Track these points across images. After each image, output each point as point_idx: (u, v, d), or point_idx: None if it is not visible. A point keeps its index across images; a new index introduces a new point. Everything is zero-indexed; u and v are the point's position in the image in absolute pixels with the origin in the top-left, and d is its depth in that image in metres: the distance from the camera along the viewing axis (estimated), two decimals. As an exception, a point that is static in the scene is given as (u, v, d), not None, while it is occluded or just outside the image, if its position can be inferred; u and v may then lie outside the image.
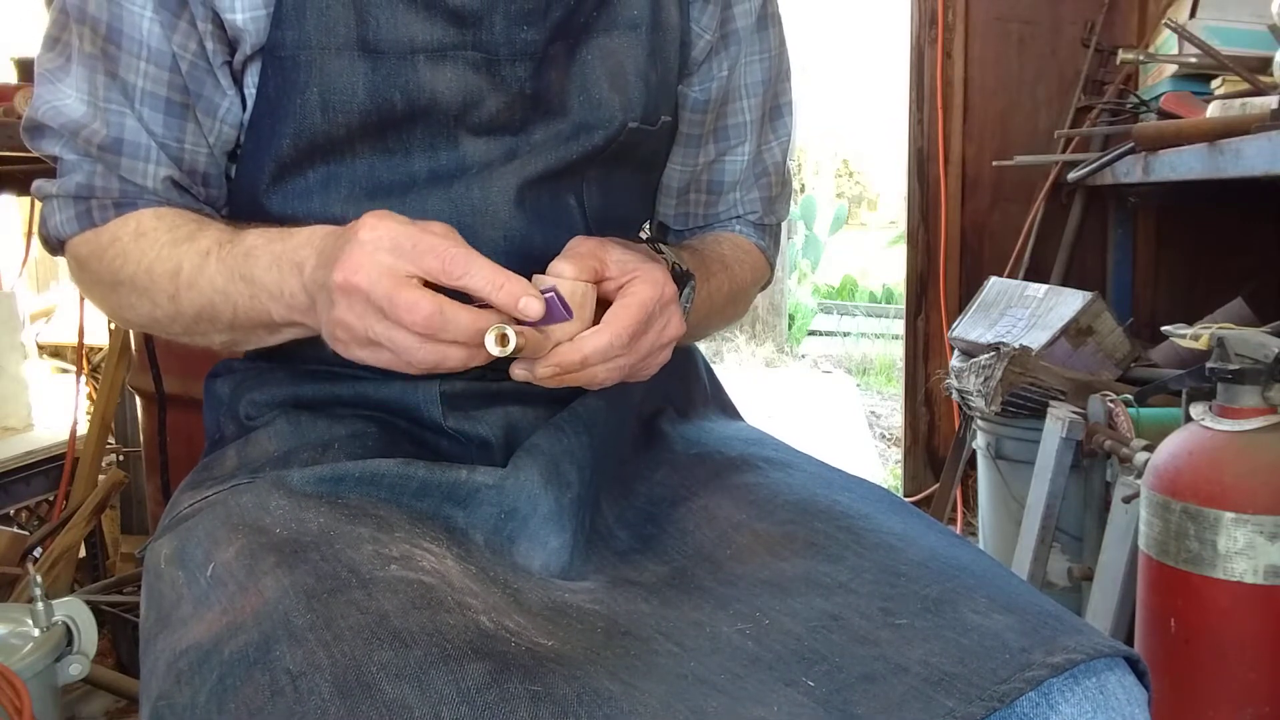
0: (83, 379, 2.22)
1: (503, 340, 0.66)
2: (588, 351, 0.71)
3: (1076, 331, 2.08)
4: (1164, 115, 2.12)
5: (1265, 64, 1.79)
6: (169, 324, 0.81)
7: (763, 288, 1.05)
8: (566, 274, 0.72)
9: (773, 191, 1.01)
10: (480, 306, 0.67)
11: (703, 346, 1.01)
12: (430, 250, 0.65)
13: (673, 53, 0.90)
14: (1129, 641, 1.49)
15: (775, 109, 0.99)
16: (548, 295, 0.68)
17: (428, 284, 0.66)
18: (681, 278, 0.82)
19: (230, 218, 0.84)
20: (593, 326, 0.72)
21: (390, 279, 0.65)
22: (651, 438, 0.92)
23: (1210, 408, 1.38)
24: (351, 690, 0.57)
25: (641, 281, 0.74)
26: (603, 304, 0.74)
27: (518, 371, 0.72)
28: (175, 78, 0.78)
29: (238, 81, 0.80)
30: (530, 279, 0.70)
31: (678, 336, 0.77)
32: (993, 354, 2.09)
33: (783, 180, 1.02)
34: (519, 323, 0.67)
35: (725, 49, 0.93)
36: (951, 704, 0.61)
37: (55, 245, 0.83)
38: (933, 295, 2.85)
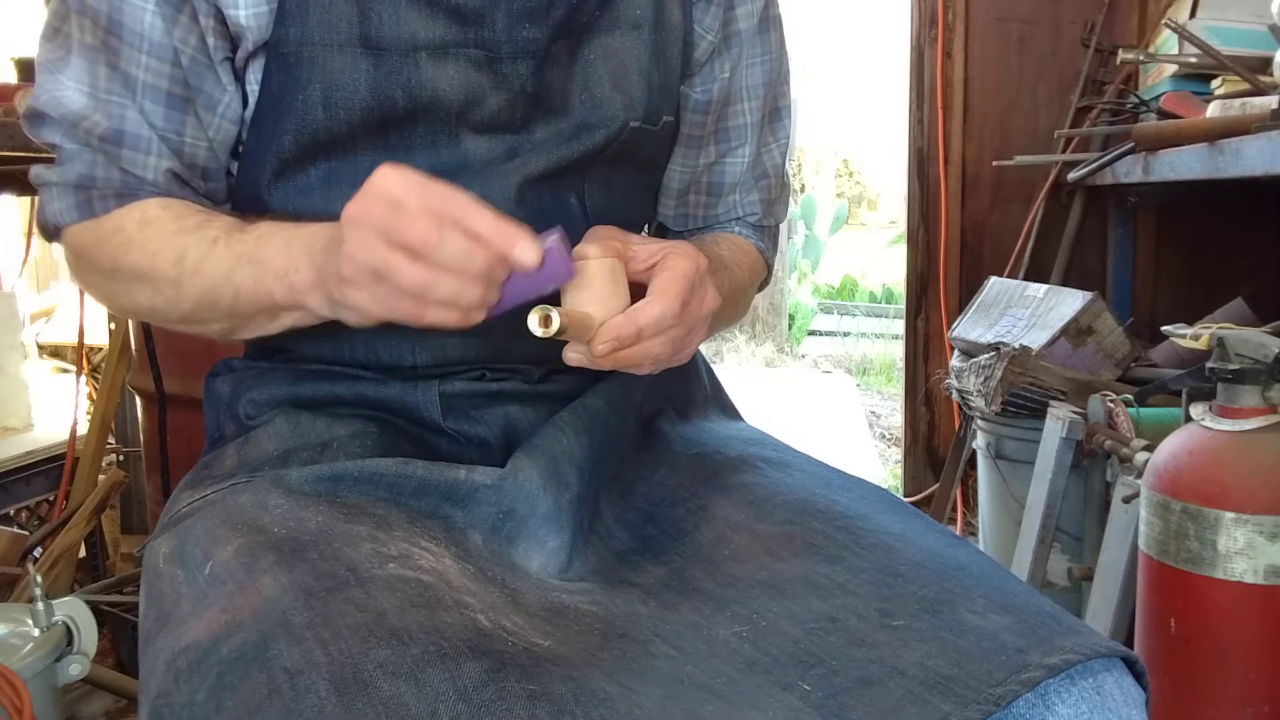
0: (83, 379, 2.23)
1: (545, 321, 0.66)
2: (643, 323, 0.71)
3: (1076, 331, 2.08)
4: (1164, 115, 2.12)
5: (1265, 64, 1.80)
6: (168, 311, 0.80)
7: (760, 288, 1.05)
8: (591, 254, 0.71)
9: (772, 194, 1.01)
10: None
11: (703, 347, 1.01)
12: (437, 192, 0.64)
13: (675, 53, 0.90)
14: (1129, 642, 1.49)
15: (775, 111, 0.99)
16: (548, 248, 0.66)
17: None
18: None
19: (234, 213, 0.84)
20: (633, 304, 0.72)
21: (397, 206, 0.64)
22: (651, 438, 0.92)
23: (1210, 408, 1.38)
24: (349, 688, 0.57)
25: (676, 255, 0.74)
26: (635, 289, 0.74)
27: (571, 355, 0.72)
28: (176, 71, 0.78)
29: (239, 78, 0.80)
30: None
31: (715, 307, 0.78)
32: (993, 354, 2.09)
33: (782, 183, 1.02)
34: (556, 304, 0.67)
35: (727, 50, 0.93)
36: (948, 708, 0.61)
37: (52, 232, 0.82)
38: (933, 295, 2.85)
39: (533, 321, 0.66)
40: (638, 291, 0.73)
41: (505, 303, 0.68)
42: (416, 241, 0.63)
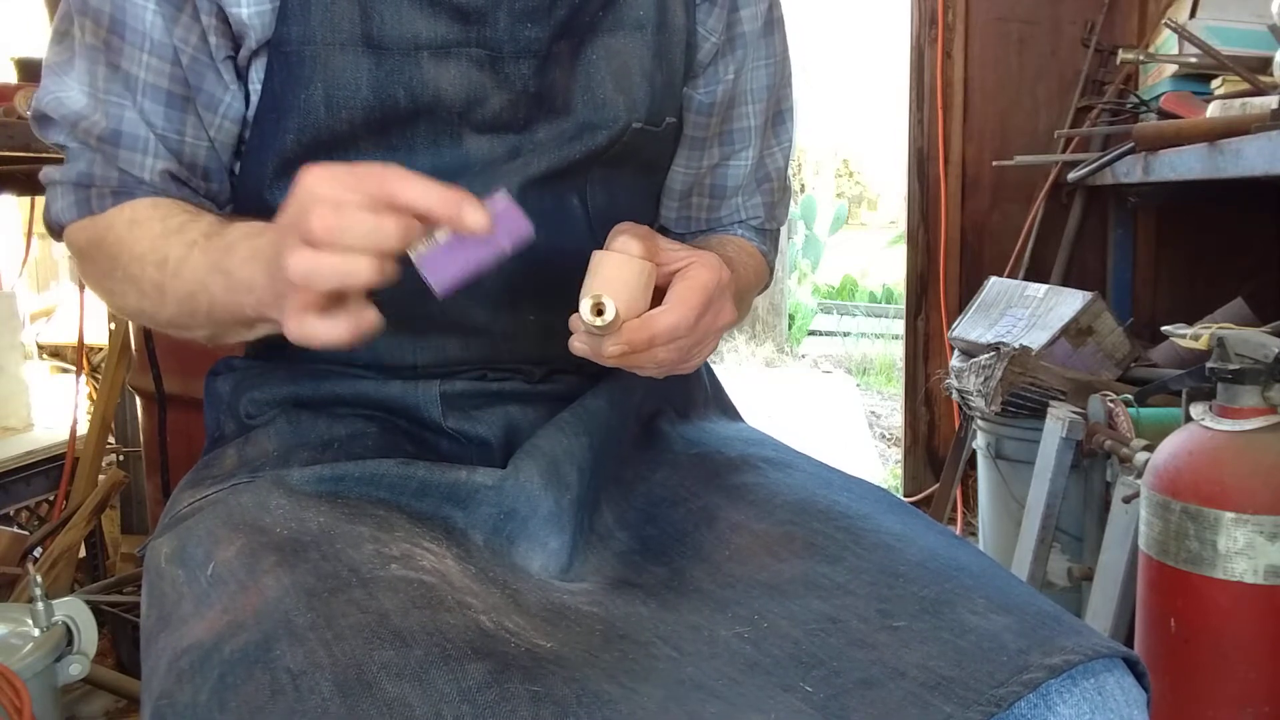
0: (83, 379, 2.23)
1: (599, 309, 0.64)
2: (657, 330, 0.70)
3: (1076, 331, 2.08)
4: (1164, 115, 2.12)
5: (1265, 64, 1.80)
6: (155, 313, 0.79)
7: (761, 291, 1.06)
8: (633, 250, 0.70)
9: (774, 197, 1.01)
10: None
11: (703, 347, 1.00)
12: (368, 174, 0.60)
13: (678, 54, 0.89)
14: (1129, 642, 1.49)
15: (778, 114, 0.99)
16: (500, 207, 0.61)
17: None
18: None
19: (235, 212, 0.84)
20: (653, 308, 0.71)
21: (311, 201, 0.60)
22: (651, 438, 0.92)
23: (1210, 408, 1.38)
24: (352, 689, 0.57)
25: (701, 266, 0.73)
26: (655, 293, 0.73)
27: (578, 345, 0.71)
28: (176, 70, 0.78)
29: (242, 77, 0.80)
30: (532, 283, 0.67)
31: (730, 324, 0.77)
32: (993, 354, 2.09)
33: (784, 186, 1.02)
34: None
35: (731, 52, 0.93)
36: (949, 709, 0.61)
37: (56, 230, 0.83)
38: (933, 295, 2.85)
39: (584, 308, 0.64)
40: (657, 295, 0.73)
41: (459, 271, 0.62)
42: (319, 233, 0.58)
